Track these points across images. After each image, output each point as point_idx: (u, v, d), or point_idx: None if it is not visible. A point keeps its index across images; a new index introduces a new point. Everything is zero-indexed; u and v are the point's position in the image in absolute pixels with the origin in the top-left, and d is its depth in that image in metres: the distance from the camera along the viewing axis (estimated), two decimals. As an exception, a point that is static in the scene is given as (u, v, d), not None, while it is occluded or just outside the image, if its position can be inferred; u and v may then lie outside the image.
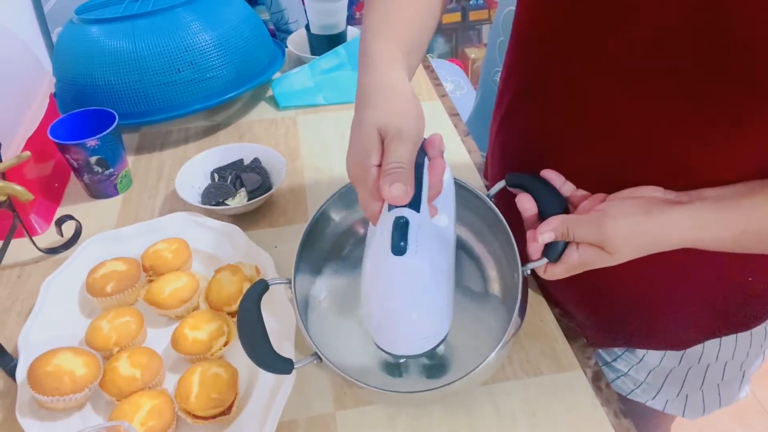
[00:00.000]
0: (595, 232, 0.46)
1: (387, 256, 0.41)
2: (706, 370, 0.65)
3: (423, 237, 0.42)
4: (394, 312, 0.44)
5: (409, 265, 0.41)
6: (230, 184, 0.81)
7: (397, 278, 0.42)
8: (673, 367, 0.65)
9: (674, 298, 0.59)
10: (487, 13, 2.76)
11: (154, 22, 0.89)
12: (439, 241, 0.46)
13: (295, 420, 0.55)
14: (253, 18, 1.01)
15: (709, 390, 0.68)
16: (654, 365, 0.66)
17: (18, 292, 0.69)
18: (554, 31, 0.53)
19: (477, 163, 0.88)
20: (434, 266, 0.44)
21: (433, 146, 0.47)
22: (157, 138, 0.97)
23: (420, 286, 0.43)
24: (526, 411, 0.56)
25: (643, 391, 0.68)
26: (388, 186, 0.41)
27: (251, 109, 1.04)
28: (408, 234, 0.41)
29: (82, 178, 0.81)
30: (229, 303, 0.62)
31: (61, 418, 0.54)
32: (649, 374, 0.67)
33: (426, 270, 0.43)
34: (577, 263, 0.48)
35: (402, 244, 0.41)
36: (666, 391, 0.68)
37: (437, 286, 0.44)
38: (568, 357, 0.60)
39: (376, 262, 0.43)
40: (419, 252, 0.41)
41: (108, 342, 0.58)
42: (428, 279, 0.43)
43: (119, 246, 0.70)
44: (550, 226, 0.48)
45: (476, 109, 1.42)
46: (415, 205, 0.42)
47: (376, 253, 0.43)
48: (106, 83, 0.88)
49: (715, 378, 0.66)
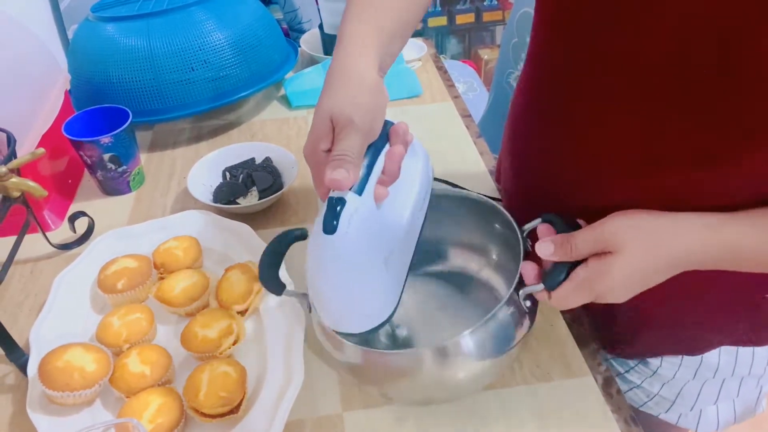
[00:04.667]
0: (593, 232, 0.44)
1: (318, 233, 0.42)
2: (722, 385, 0.64)
3: (359, 219, 0.42)
4: (323, 288, 0.46)
5: (337, 243, 0.42)
6: (242, 183, 0.81)
7: (325, 255, 0.43)
8: (687, 381, 0.64)
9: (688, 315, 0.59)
10: (501, 14, 2.74)
11: (169, 21, 0.89)
12: (382, 226, 0.46)
13: (303, 420, 0.55)
14: (266, 17, 1.01)
15: (725, 405, 0.67)
16: (668, 378, 0.65)
17: (30, 287, 0.70)
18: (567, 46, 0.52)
19: (489, 166, 0.88)
20: (367, 248, 0.44)
21: (397, 134, 0.47)
22: (170, 136, 0.97)
23: (347, 266, 0.44)
24: (535, 417, 0.55)
25: (656, 403, 0.67)
26: (330, 171, 0.42)
27: (263, 108, 1.04)
28: (341, 214, 0.41)
29: (96, 175, 0.82)
30: (238, 302, 0.62)
31: (71, 414, 0.55)
32: (663, 387, 0.66)
33: (355, 251, 0.43)
34: (584, 279, 0.45)
35: (334, 223, 0.41)
36: (680, 404, 0.66)
37: (368, 267, 0.45)
38: (578, 363, 0.60)
39: (312, 238, 0.44)
40: (350, 233, 0.42)
41: (118, 338, 0.59)
42: (358, 260, 0.44)
43: (131, 243, 0.71)
44: (550, 237, 0.47)
45: (489, 111, 1.42)
46: (358, 188, 0.43)
47: (314, 230, 0.44)
48: (121, 81, 0.88)
49: (730, 393, 0.65)
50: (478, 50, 2.75)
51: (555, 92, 0.56)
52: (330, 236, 0.41)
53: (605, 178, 0.52)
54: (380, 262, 0.46)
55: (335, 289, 0.45)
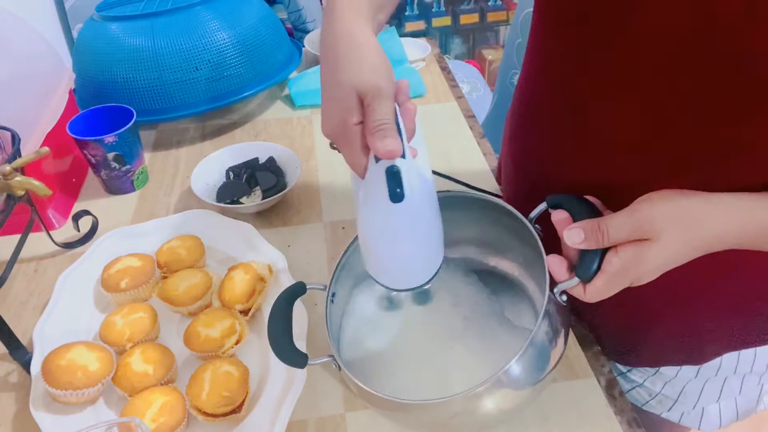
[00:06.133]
0: (629, 218, 0.42)
1: (386, 204, 0.43)
2: (724, 383, 0.64)
3: (413, 180, 0.44)
4: (400, 254, 0.47)
5: (410, 209, 0.44)
6: (245, 182, 0.81)
7: (399, 223, 0.45)
8: (689, 380, 0.64)
9: (694, 317, 0.58)
10: (505, 14, 2.74)
11: (173, 20, 0.89)
12: (424, 180, 0.47)
13: (305, 420, 0.55)
14: (270, 17, 1.01)
15: (727, 403, 0.66)
16: (670, 377, 0.65)
17: (34, 285, 0.70)
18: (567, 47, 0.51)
19: (493, 166, 0.88)
20: (429, 205, 0.47)
21: (402, 92, 0.47)
22: (174, 135, 0.97)
23: (421, 227, 0.46)
24: (538, 418, 0.55)
25: (659, 402, 0.67)
26: (380, 142, 0.42)
27: (267, 107, 1.04)
28: (403, 181, 0.43)
29: (100, 174, 0.82)
30: (241, 301, 0.62)
31: (74, 412, 0.55)
32: (665, 386, 0.66)
33: (424, 211, 0.46)
34: (619, 267, 0.42)
35: (399, 191, 0.43)
36: (682, 402, 0.66)
37: (434, 223, 0.47)
38: (581, 364, 0.59)
39: (375, 211, 0.45)
40: (414, 196, 0.43)
41: (121, 337, 0.59)
42: (427, 218, 0.46)
43: (134, 242, 0.71)
44: (579, 223, 0.44)
45: (493, 111, 1.42)
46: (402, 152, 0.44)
47: (373, 203, 0.45)
48: (125, 80, 0.89)
49: (732, 391, 0.65)
50: (482, 50, 2.75)
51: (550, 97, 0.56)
52: (400, 204, 0.43)
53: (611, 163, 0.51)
54: (436, 213, 0.48)
55: (410, 250, 0.47)
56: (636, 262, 0.42)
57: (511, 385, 0.46)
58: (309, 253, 0.73)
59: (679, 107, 0.45)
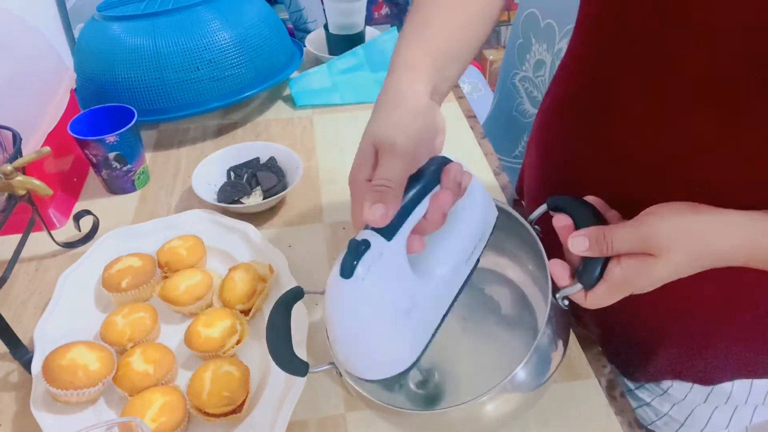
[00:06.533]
0: (635, 232, 0.41)
1: (335, 275, 0.39)
2: (734, 412, 0.62)
3: (381, 267, 0.39)
4: (336, 331, 0.42)
5: (351, 289, 0.39)
6: (246, 182, 0.81)
7: (339, 299, 0.40)
8: (698, 404, 0.62)
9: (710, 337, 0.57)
10: (506, 14, 2.73)
11: (175, 20, 0.89)
12: (408, 278, 0.42)
13: (306, 420, 0.55)
14: (272, 17, 1.01)
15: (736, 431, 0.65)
16: (678, 399, 0.63)
17: (35, 285, 0.70)
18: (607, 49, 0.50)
19: (493, 166, 0.87)
20: (384, 298, 0.40)
21: (448, 176, 0.41)
22: (175, 135, 0.97)
23: (360, 313, 0.40)
24: (538, 419, 0.55)
25: (665, 423, 0.66)
26: (368, 205, 0.38)
27: (268, 107, 1.04)
28: (362, 258, 0.38)
29: (101, 174, 0.82)
30: (242, 301, 0.62)
31: (75, 412, 0.55)
32: (673, 407, 0.64)
33: (370, 301, 0.40)
34: (621, 279, 0.42)
35: (353, 265, 0.38)
36: (689, 426, 0.64)
37: (384, 319, 0.41)
38: (582, 365, 0.59)
39: (330, 277, 0.41)
40: (367, 280, 0.38)
41: (122, 337, 0.59)
42: (372, 308, 0.40)
43: (135, 242, 0.71)
44: (584, 231, 0.43)
45: (494, 112, 1.41)
46: (387, 232, 0.39)
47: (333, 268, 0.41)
48: (126, 80, 0.89)
49: (742, 420, 0.63)
50: (483, 51, 2.75)
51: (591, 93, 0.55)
52: (345, 280, 0.38)
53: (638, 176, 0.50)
54: (400, 313, 0.41)
55: (348, 335, 0.42)
56: (638, 275, 0.41)
57: (513, 390, 0.46)
58: (310, 253, 0.73)
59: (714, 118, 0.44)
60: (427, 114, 0.42)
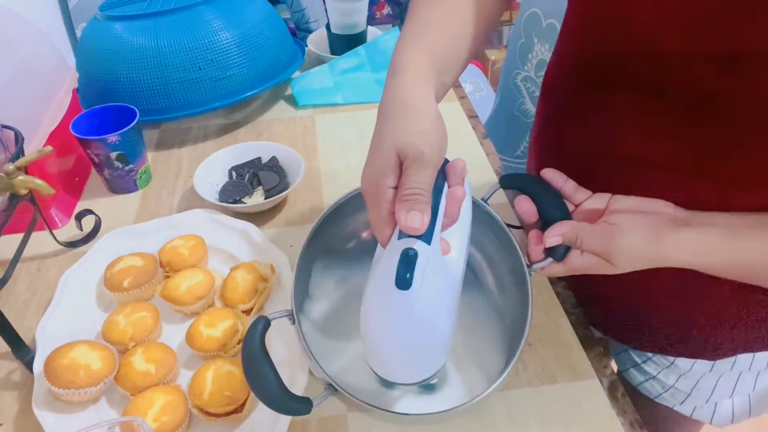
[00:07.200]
0: (605, 245, 0.46)
1: (390, 287, 0.39)
2: (738, 378, 0.64)
3: (430, 272, 0.40)
4: (391, 344, 0.42)
5: (412, 301, 0.39)
6: (248, 182, 0.81)
7: (397, 312, 0.40)
8: (704, 373, 0.64)
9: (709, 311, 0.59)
10: (508, 14, 2.73)
11: (177, 20, 0.89)
12: (445, 275, 0.43)
13: (307, 420, 0.55)
14: (273, 17, 1.01)
15: (740, 399, 0.66)
16: (685, 370, 0.65)
17: (37, 284, 0.70)
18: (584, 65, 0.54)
19: (495, 166, 0.87)
20: (437, 303, 0.42)
21: (455, 172, 0.44)
22: (177, 135, 0.97)
23: (420, 324, 0.41)
24: (540, 419, 0.55)
25: (672, 395, 0.68)
26: (405, 213, 0.38)
27: (270, 107, 1.04)
28: (415, 268, 0.39)
29: (103, 173, 0.82)
30: (243, 301, 0.62)
31: (77, 411, 0.55)
32: (679, 379, 0.66)
33: (428, 308, 0.41)
34: (579, 267, 0.49)
35: (408, 278, 0.38)
36: (695, 396, 0.66)
37: (437, 323, 0.42)
38: (584, 365, 0.59)
39: (378, 291, 0.41)
40: (423, 288, 0.39)
41: (124, 336, 0.59)
42: (429, 316, 0.41)
43: (137, 241, 0.71)
44: (559, 231, 0.48)
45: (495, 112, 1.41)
46: (427, 236, 0.40)
47: (379, 281, 0.41)
48: (128, 79, 0.89)
49: (746, 387, 0.65)
50: (485, 50, 2.74)
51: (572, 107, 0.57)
52: (404, 292, 0.38)
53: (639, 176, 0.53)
54: (446, 314, 0.43)
55: (403, 345, 0.42)
56: (593, 269, 0.48)
57: None
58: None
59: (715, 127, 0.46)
60: (440, 119, 0.44)
